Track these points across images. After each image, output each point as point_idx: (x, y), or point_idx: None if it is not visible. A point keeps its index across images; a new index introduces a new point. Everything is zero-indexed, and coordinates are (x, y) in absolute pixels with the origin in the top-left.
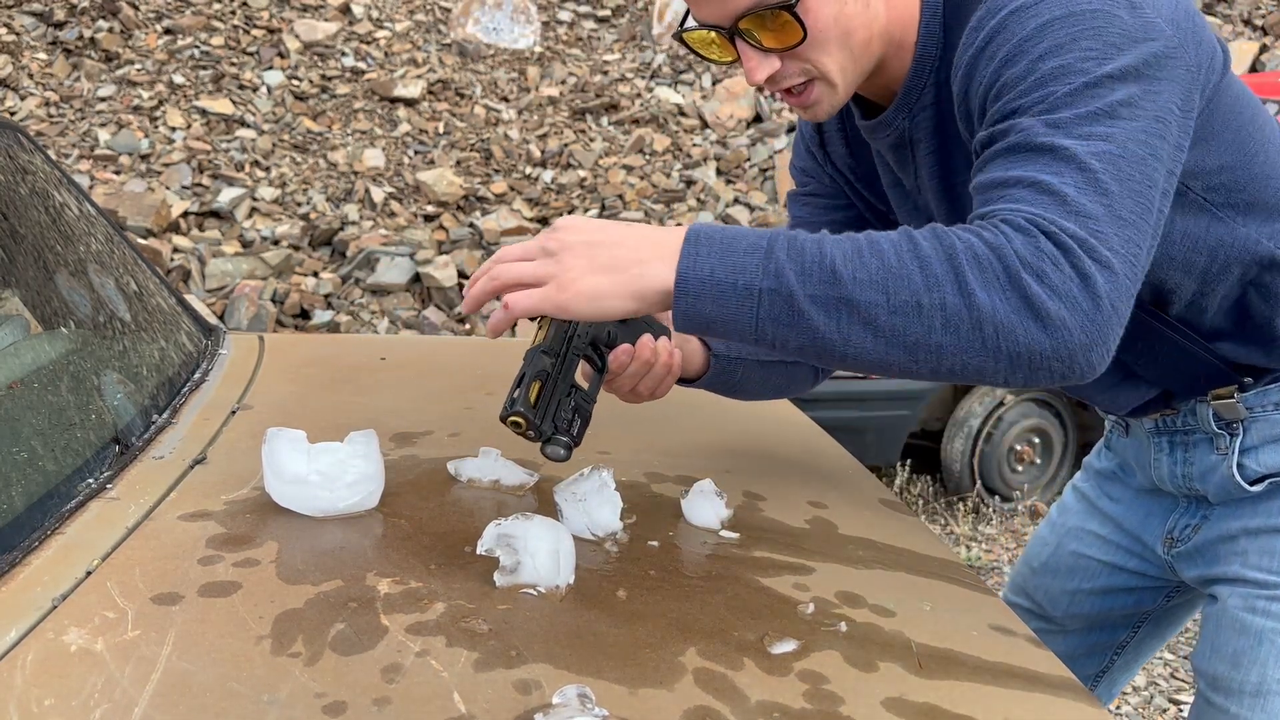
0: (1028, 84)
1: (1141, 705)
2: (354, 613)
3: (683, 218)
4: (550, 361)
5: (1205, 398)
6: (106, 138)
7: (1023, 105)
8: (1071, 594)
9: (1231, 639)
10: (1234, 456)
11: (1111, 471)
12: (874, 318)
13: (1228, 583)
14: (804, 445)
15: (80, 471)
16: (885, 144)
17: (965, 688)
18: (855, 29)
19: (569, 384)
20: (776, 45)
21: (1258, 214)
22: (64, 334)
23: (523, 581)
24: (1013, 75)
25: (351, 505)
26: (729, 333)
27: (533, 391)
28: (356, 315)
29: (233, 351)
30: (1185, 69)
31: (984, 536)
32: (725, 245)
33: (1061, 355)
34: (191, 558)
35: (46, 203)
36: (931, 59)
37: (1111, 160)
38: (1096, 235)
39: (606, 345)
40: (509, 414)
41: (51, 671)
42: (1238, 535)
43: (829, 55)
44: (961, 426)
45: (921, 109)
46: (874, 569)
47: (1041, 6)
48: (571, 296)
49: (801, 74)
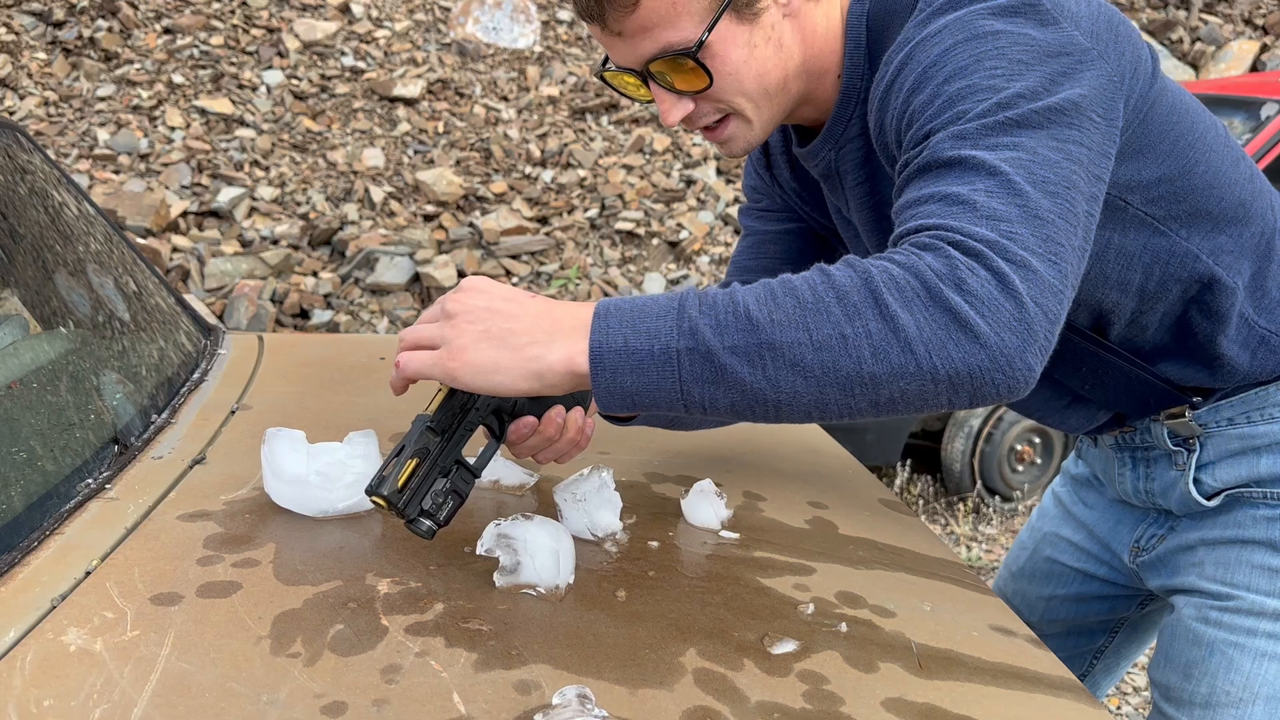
0: (935, 107)
1: (1142, 705)
2: (353, 613)
3: (683, 217)
4: (434, 440)
5: (1158, 417)
6: (105, 137)
7: (933, 128)
8: (1047, 600)
9: (1184, 649)
10: (1190, 472)
11: (1087, 478)
12: (800, 358)
13: (1184, 593)
14: (804, 445)
15: (79, 471)
16: (817, 172)
17: (965, 688)
18: (768, 70)
19: (451, 461)
20: (686, 88)
21: (1201, 224)
22: (63, 334)
23: (522, 582)
24: (920, 101)
25: (351, 505)
26: (656, 403)
27: (405, 471)
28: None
29: (232, 351)
30: (1106, 78)
31: (984, 537)
32: (636, 313)
33: (999, 363)
34: (191, 558)
35: (45, 202)
36: (856, 92)
37: (1023, 165)
38: (1009, 236)
39: (510, 414)
40: (372, 493)
41: (51, 672)
42: (1196, 546)
43: (741, 96)
44: (962, 426)
45: (848, 140)
46: (874, 569)
47: (944, 34)
48: (460, 366)
49: (716, 112)
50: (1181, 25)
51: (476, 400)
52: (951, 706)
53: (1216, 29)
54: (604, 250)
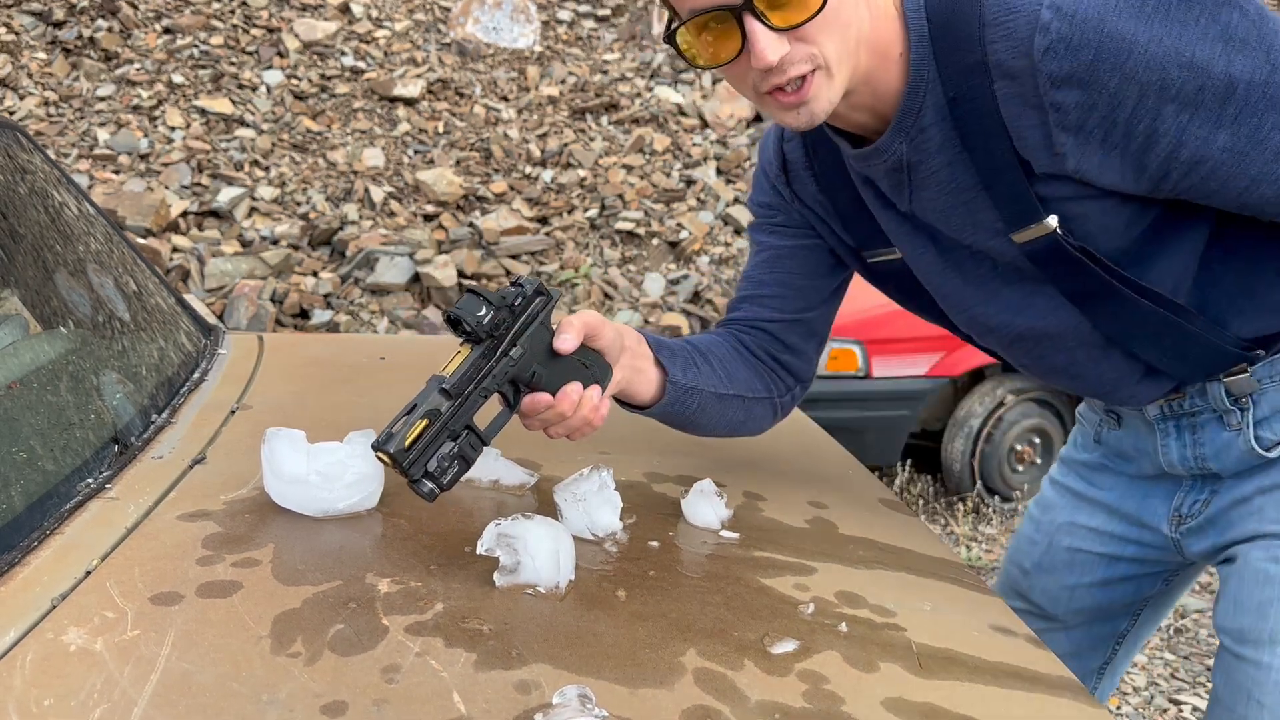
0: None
1: (1142, 705)
2: (353, 613)
3: (683, 217)
4: (446, 404)
5: (1218, 377)
6: (106, 137)
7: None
8: (1071, 589)
9: (1255, 591)
10: (1250, 430)
11: (1098, 463)
12: None
13: (1246, 541)
14: (804, 445)
15: (79, 471)
16: (880, 170)
17: (965, 688)
18: (850, 22)
19: (461, 425)
20: (793, 18)
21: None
22: (63, 334)
23: (523, 582)
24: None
25: (351, 505)
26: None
27: (414, 430)
28: (356, 315)
29: (232, 351)
30: None
31: (984, 536)
32: None
33: None
34: (191, 558)
35: (46, 202)
36: (924, 82)
37: None
38: None
39: (527, 384)
40: (378, 449)
41: (51, 671)
42: (1251, 497)
43: (832, 40)
44: (962, 426)
45: (919, 131)
46: (874, 569)
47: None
48: None
49: (807, 60)
50: None
51: (495, 366)
52: (951, 706)
53: None
54: (604, 250)
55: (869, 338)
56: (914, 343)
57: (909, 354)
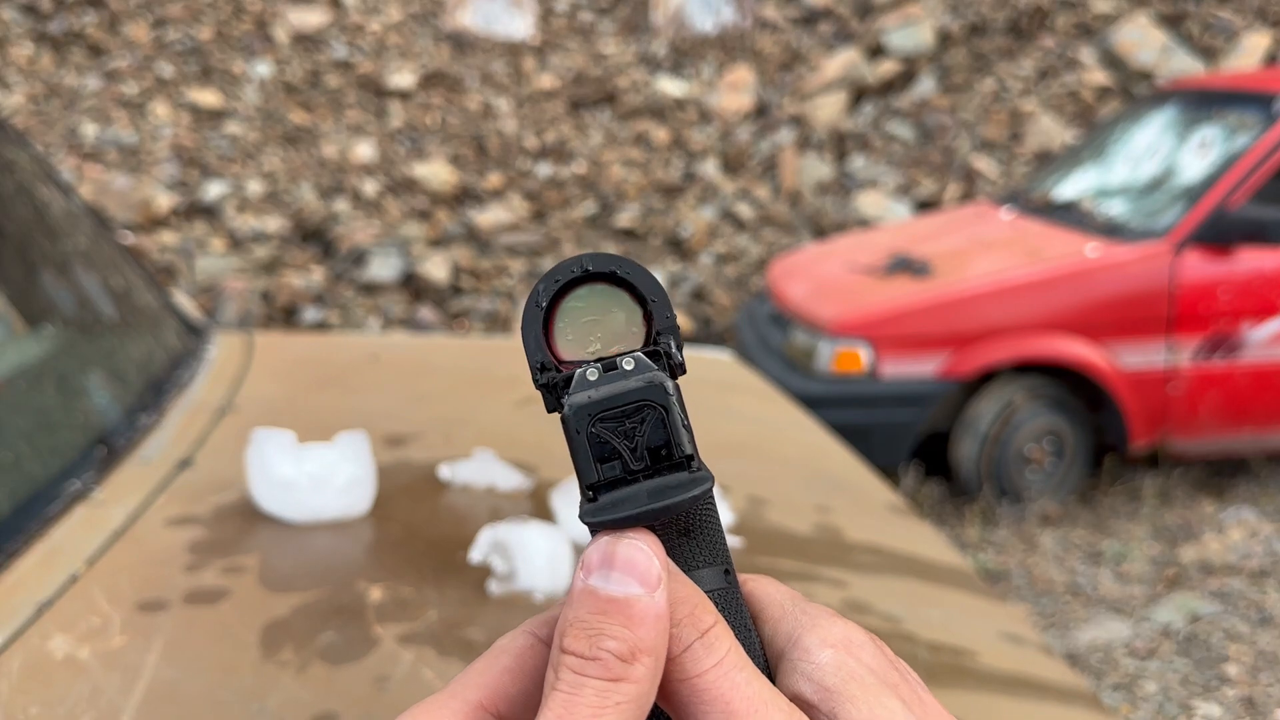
0: None
1: (1154, 713)
2: (344, 621)
3: (683, 213)
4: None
5: None
6: (93, 132)
7: None
8: None
9: None
10: None
11: None
12: None
13: None
14: (809, 447)
15: (65, 474)
16: None
17: (975, 697)
18: None
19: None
20: None
21: None
22: (48, 333)
23: (519, 588)
24: None
25: (341, 509)
26: None
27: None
28: (347, 313)
29: (220, 351)
30: None
31: (994, 542)
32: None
33: None
34: (178, 563)
35: (31, 198)
36: None
37: None
38: None
39: None
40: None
41: (36, 679)
42: None
43: None
44: (971, 428)
45: None
46: (881, 575)
47: None
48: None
49: None
50: (1192, 17)
51: None
52: (961, 714)
53: (1228, 22)
54: (603, 247)
55: (876, 336)
56: (922, 342)
57: (917, 354)
